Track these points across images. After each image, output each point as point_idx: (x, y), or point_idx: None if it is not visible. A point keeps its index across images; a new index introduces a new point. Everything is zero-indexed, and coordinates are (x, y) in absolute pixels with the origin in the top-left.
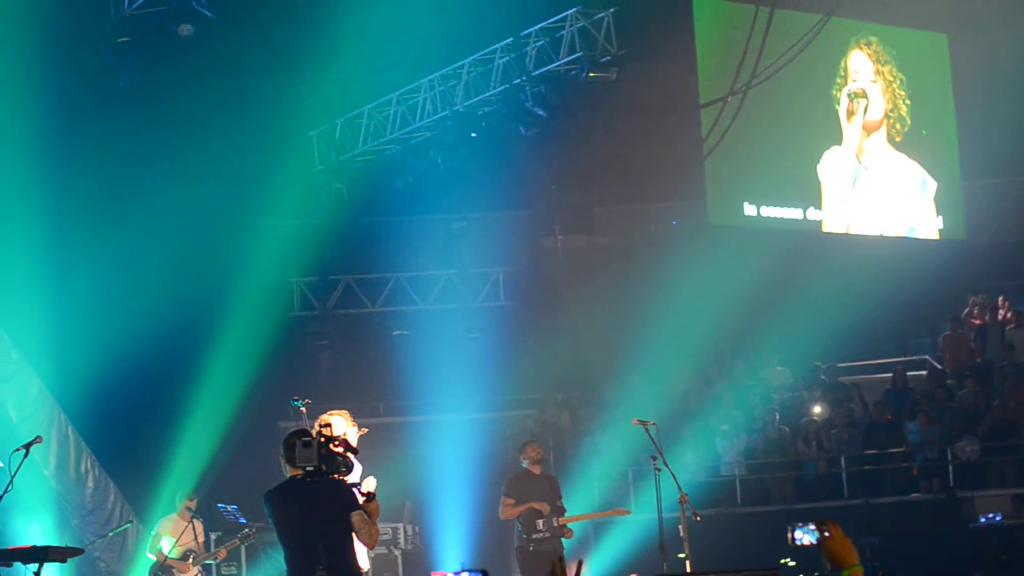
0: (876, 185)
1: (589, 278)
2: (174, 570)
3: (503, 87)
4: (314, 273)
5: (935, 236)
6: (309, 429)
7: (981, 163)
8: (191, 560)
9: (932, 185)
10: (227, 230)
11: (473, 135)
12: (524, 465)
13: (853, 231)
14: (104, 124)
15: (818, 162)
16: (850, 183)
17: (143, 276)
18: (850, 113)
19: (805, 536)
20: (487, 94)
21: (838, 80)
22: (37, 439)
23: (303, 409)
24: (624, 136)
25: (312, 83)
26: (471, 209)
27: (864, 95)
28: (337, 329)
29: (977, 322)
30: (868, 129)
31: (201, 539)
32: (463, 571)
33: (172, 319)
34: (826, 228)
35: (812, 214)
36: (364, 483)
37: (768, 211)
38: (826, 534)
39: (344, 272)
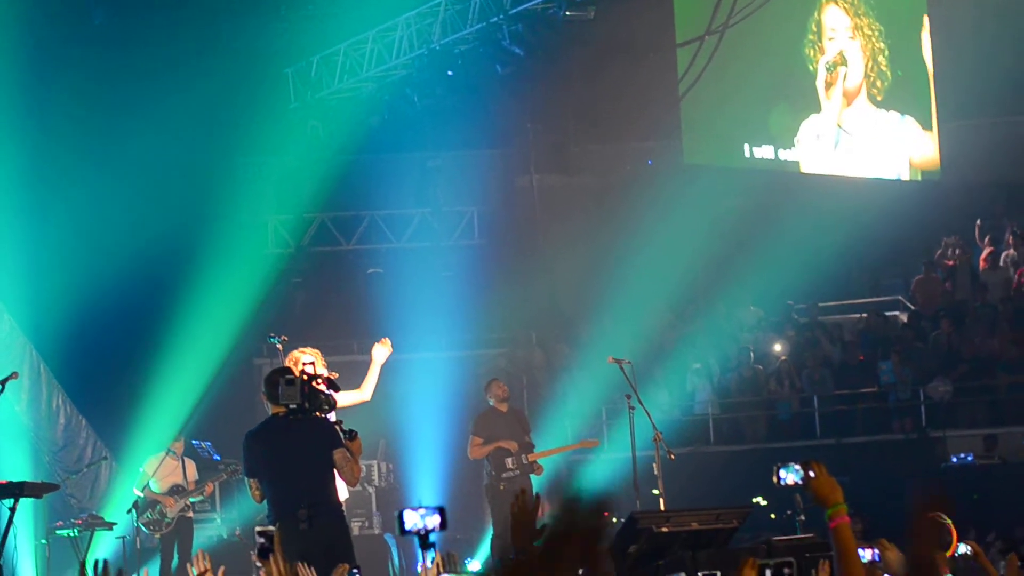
0: (858, 142)
1: (564, 217)
2: (160, 505)
3: (480, 25)
4: (288, 211)
5: (909, 177)
6: (287, 366)
7: (954, 104)
8: (177, 495)
9: (908, 128)
10: (201, 168)
11: (449, 73)
12: (491, 403)
13: (829, 172)
14: (79, 62)
15: (794, 102)
16: (832, 148)
17: (117, 214)
18: (829, 85)
19: (789, 476)
20: (464, 32)
21: (810, 36)
22: (13, 375)
23: (279, 346)
24: (600, 75)
25: (288, 20)
26: (446, 147)
27: (843, 61)
28: (311, 267)
29: (950, 263)
30: (849, 97)
31: (192, 477)
32: (420, 507)
33: (146, 257)
34: (802, 169)
35: (787, 154)
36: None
37: (744, 151)
38: (811, 474)
39: (318, 210)
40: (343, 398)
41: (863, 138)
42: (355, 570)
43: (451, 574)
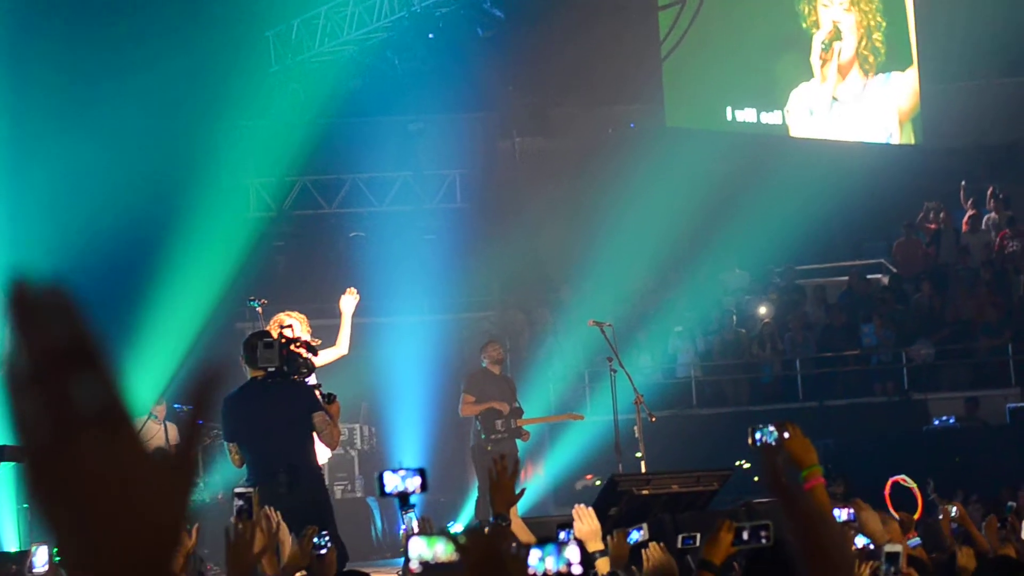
0: (849, 109)
1: (546, 180)
2: None
3: None
4: (270, 174)
5: (890, 140)
6: (265, 329)
7: (934, 68)
8: None
9: (894, 93)
10: (182, 132)
11: (430, 36)
12: (484, 364)
13: (819, 136)
14: (59, 23)
15: (778, 64)
16: (823, 116)
17: (97, 180)
18: (824, 61)
19: (764, 437)
20: None
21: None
22: None
23: (259, 309)
24: (582, 38)
25: None
26: (428, 111)
27: (838, 35)
28: (293, 230)
29: (932, 227)
30: (843, 72)
31: (175, 442)
32: (401, 469)
33: (126, 222)
34: (791, 133)
35: (770, 117)
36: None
37: (727, 114)
38: (785, 435)
39: (300, 173)
40: (321, 357)
41: (855, 106)
42: (324, 532)
43: (425, 536)
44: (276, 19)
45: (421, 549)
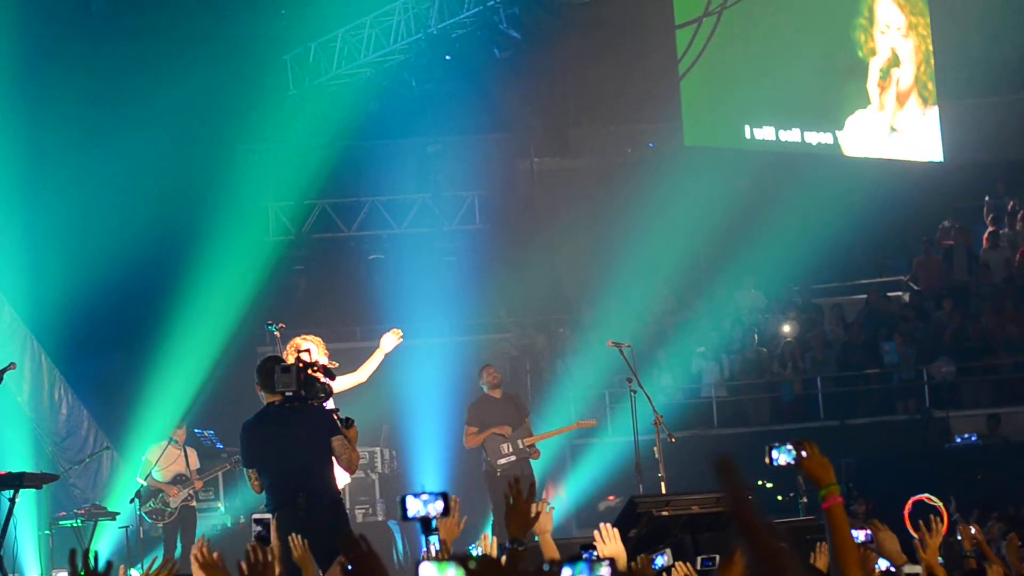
0: (906, 138)
1: (565, 200)
2: (163, 494)
3: (477, 9)
4: (289, 198)
5: (914, 158)
6: (279, 355)
7: (956, 84)
8: (180, 485)
9: (925, 112)
10: (201, 155)
11: (447, 58)
12: (484, 390)
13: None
14: (78, 47)
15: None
16: (884, 142)
17: (117, 202)
18: (883, 89)
19: (782, 456)
20: (461, 16)
21: (861, 21)
22: (11, 366)
23: (277, 333)
24: (599, 58)
25: (285, 6)
26: (446, 132)
27: (896, 61)
28: (312, 254)
29: (950, 243)
30: (901, 100)
31: (195, 466)
32: (424, 493)
33: (146, 246)
34: (802, 149)
35: (788, 135)
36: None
37: (745, 132)
38: (803, 454)
39: (319, 196)
40: (339, 383)
41: (912, 133)
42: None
43: (437, 561)
44: (293, 42)
45: (432, 575)
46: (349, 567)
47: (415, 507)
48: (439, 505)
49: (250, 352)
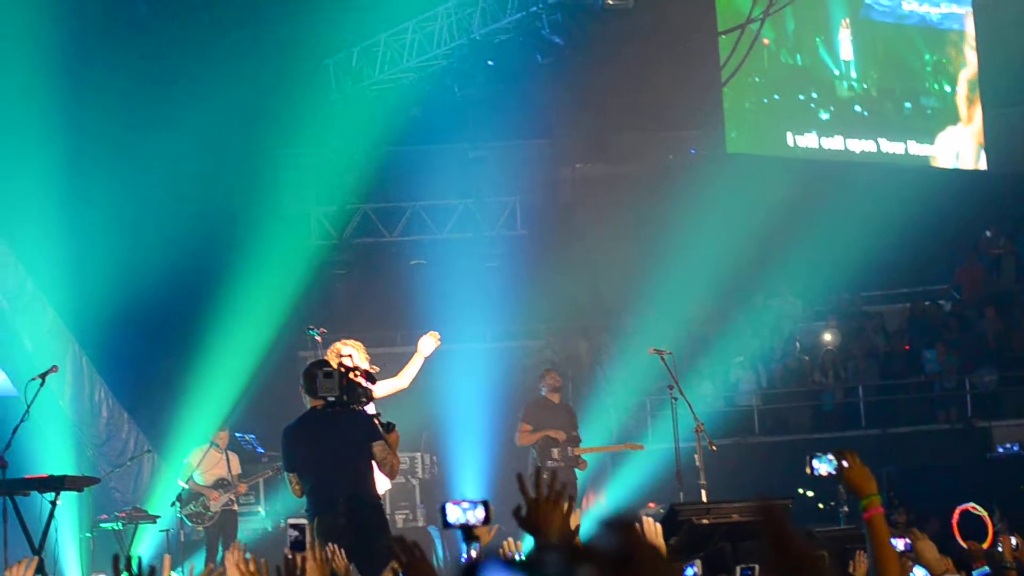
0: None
1: (606, 207)
2: (203, 497)
3: (520, 15)
4: (331, 202)
5: (956, 165)
6: (325, 359)
7: (997, 91)
8: (221, 489)
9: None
10: (244, 159)
11: (490, 63)
12: (543, 393)
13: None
14: (122, 53)
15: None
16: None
17: (159, 206)
18: (971, 102)
19: (823, 466)
20: (504, 22)
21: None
22: (53, 368)
23: (318, 339)
24: (641, 64)
25: (328, 11)
26: (488, 138)
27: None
28: (354, 258)
29: (995, 252)
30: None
31: (236, 471)
32: (464, 500)
33: (188, 249)
34: (846, 157)
35: (831, 143)
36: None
37: (787, 140)
38: (844, 464)
39: (361, 201)
40: (380, 388)
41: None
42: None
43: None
44: (336, 47)
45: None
46: (401, 573)
47: (455, 514)
48: (480, 512)
49: (291, 356)
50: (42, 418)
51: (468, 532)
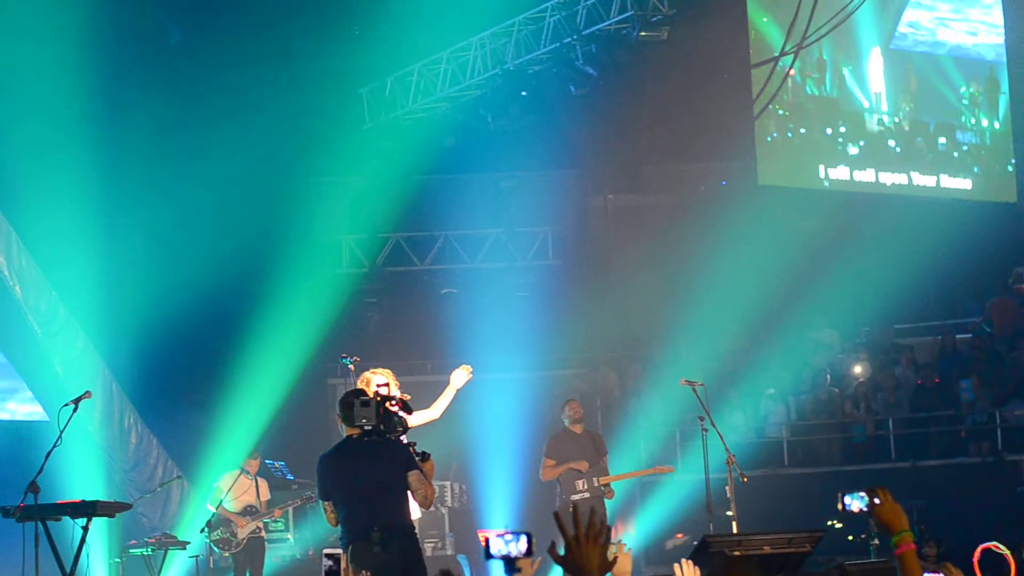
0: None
1: (638, 237)
2: (232, 523)
3: (553, 46)
4: (363, 230)
5: (988, 197)
6: (361, 388)
7: None
8: (249, 516)
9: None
10: (276, 187)
11: (523, 93)
12: (565, 424)
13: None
14: (155, 81)
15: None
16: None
17: (192, 233)
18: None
19: (855, 502)
20: (537, 52)
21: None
22: (86, 394)
23: (351, 367)
24: (674, 95)
25: (362, 40)
26: (520, 168)
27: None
28: (386, 287)
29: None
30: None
31: (265, 498)
32: (507, 531)
33: (220, 276)
34: (878, 189)
35: (862, 175)
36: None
37: (819, 172)
38: (876, 501)
39: (393, 230)
40: (414, 418)
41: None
42: None
43: None
44: (369, 76)
45: None
46: None
47: (498, 546)
48: (522, 544)
49: (321, 384)
50: (72, 443)
51: (510, 564)
